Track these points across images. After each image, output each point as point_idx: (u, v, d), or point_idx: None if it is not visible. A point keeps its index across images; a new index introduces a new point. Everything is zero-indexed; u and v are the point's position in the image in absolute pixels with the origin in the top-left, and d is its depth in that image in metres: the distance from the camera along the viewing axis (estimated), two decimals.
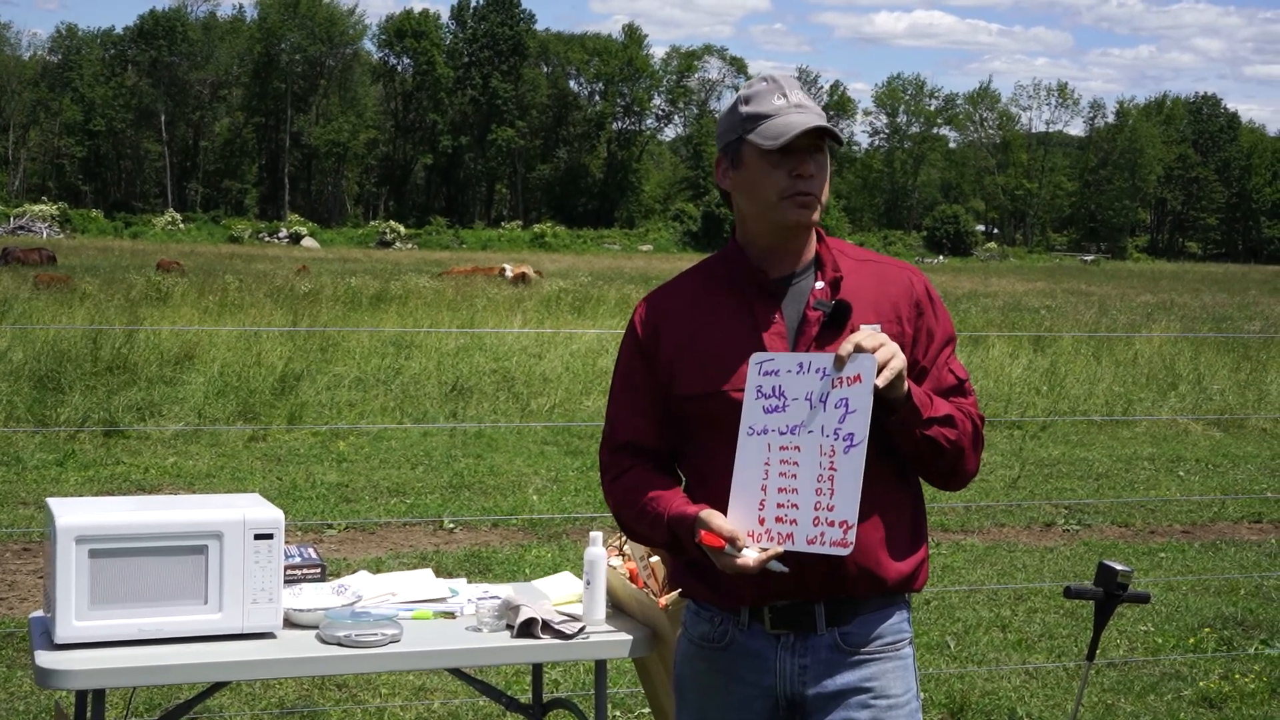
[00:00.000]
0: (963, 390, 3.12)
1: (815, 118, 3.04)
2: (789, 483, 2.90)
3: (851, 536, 2.86)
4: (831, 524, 2.86)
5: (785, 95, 3.07)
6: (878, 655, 3.09)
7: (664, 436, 3.16)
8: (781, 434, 2.92)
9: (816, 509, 2.87)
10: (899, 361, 2.89)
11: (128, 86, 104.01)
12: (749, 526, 2.93)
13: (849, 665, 3.07)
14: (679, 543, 3.04)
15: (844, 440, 2.87)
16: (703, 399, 3.06)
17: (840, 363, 2.88)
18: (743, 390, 2.98)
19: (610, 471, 3.22)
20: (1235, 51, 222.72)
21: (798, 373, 2.92)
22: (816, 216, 3.08)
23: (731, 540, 2.90)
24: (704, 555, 2.98)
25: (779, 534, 2.90)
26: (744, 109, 3.09)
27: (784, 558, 2.91)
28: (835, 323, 3.03)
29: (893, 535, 3.07)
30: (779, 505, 2.91)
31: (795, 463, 2.91)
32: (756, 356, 2.97)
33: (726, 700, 3.14)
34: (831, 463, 2.87)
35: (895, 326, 3.07)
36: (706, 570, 3.08)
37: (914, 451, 3.03)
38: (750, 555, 2.89)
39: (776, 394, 2.94)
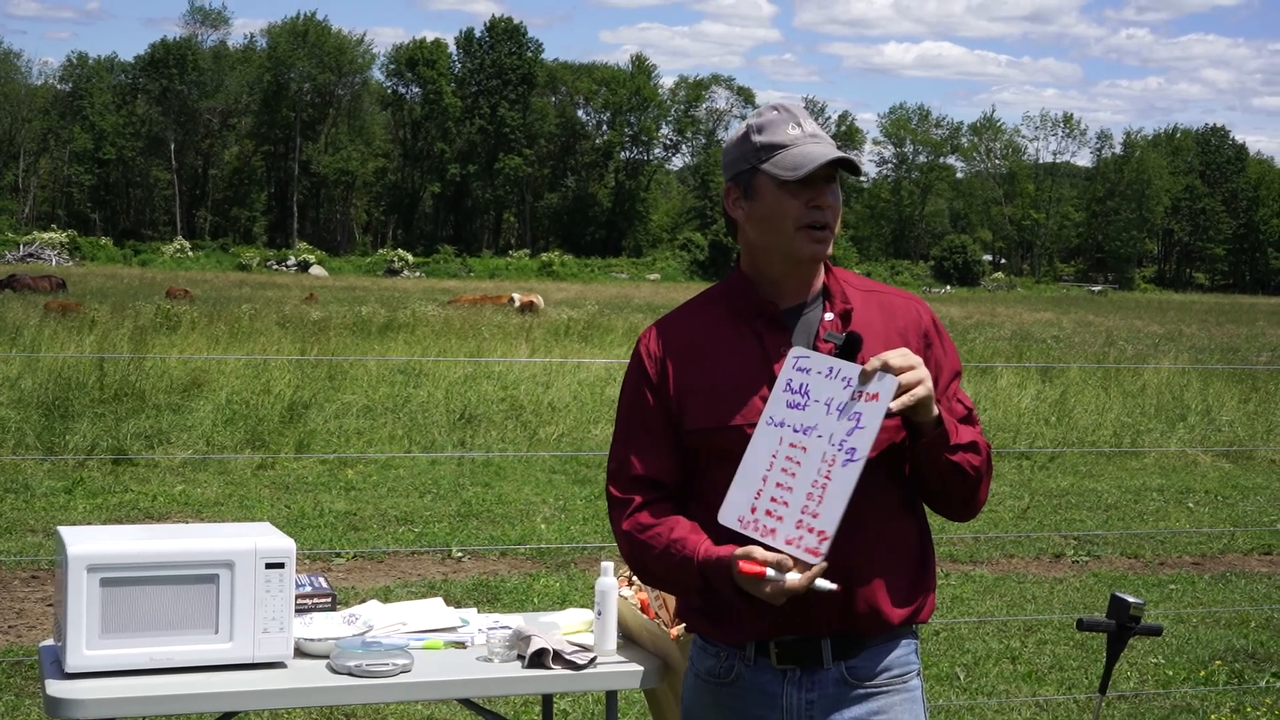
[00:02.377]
0: (971, 419, 3.11)
1: (832, 148, 3.02)
2: (787, 480, 2.89)
3: (825, 548, 2.83)
4: (811, 530, 2.84)
5: (799, 125, 3.05)
6: (885, 688, 3.08)
7: (676, 470, 3.09)
8: (795, 431, 2.91)
9: (803, 512, 2.86)
10: (924, 389, 2.87)
11: (138, 115, 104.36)
12: (740, 512, 2.91)
13: (857, 699, 3.05)
14: (709, 585, 2.97)
15: (845, 453, 2.86)
16: (714, 433, 3.02)
17: (865, 377, 2.87)
18: (754, 425, 2.96)
19: (623, 509, 3.11)
20: (1244, 83, 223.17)
21: (827, 376, 2.91)
22: (830, 250, 3.07)
23: (778, 565, 2.84)
24: (738, 595, 2.92)
25: (764, 526, 2.88)
26: (757, 138, 3.05)
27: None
28: (846, 354, 3.00)
29: (899, 569, 3.06)
30: (772, 500, 2.89)
31: (798, 462, 2.90)
32: (795, 350, 2.95)
33: None
34: (828, 472, 2.86)
35: None
36: (711, 605, 3.06)
37: (938, 477, 3.01)
38: (793, 578, 2.84)
39: (802, 392, 2.92)
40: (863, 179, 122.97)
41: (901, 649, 3.11)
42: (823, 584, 2.85)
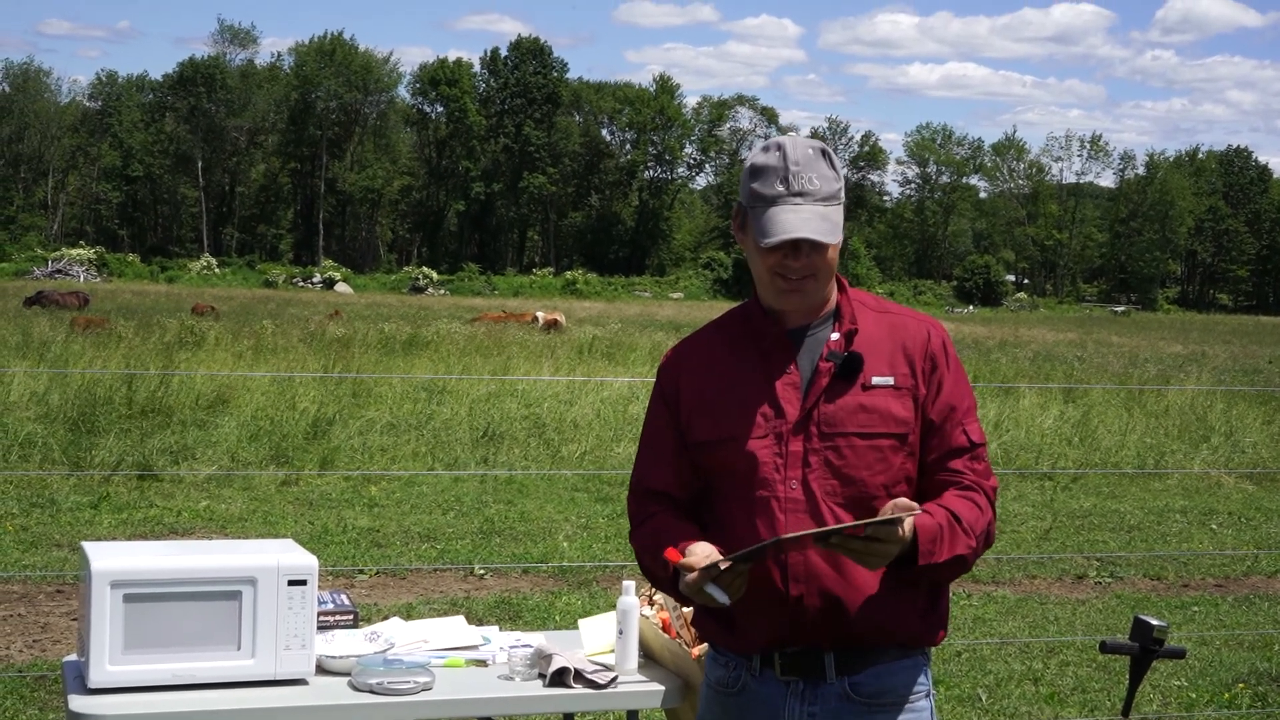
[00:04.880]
0: (974, 454, 3.12)
1: (805, 222, 3.02)
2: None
3: (724, 560, 2.94)
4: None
5: (788, 180, 3.07)
6: (889, 707, 3.10)
7: (686, 484, 3.20)
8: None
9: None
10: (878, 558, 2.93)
11: (166, 133, 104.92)
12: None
13: (858, 716, 3.08)
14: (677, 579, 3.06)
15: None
16: (715, 445, 3.11)
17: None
18: (756, 438, 3.06)
19: (635, 519, 3.28)
20: (1269, 104, 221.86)
21: None
22: (812, 297, 3.10)
23: (699, 566, 2.94)
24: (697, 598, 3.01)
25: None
26: (750, 184, 3.12)
27: (791, 606, 3.01)
28: (846, 375, 3.07)
29: (907, 590, 3.08)
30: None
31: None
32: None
33: None
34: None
35: (907, 378, 3.09)
36: (723, 614, 3.12)
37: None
38: (690, 576, 2.95)
39: None
40: (885, 199, 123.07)
41: (908, 669, 3.13)
42: (713, 589, 2.93)
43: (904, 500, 2.89)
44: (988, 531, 3.09)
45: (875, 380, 3.07)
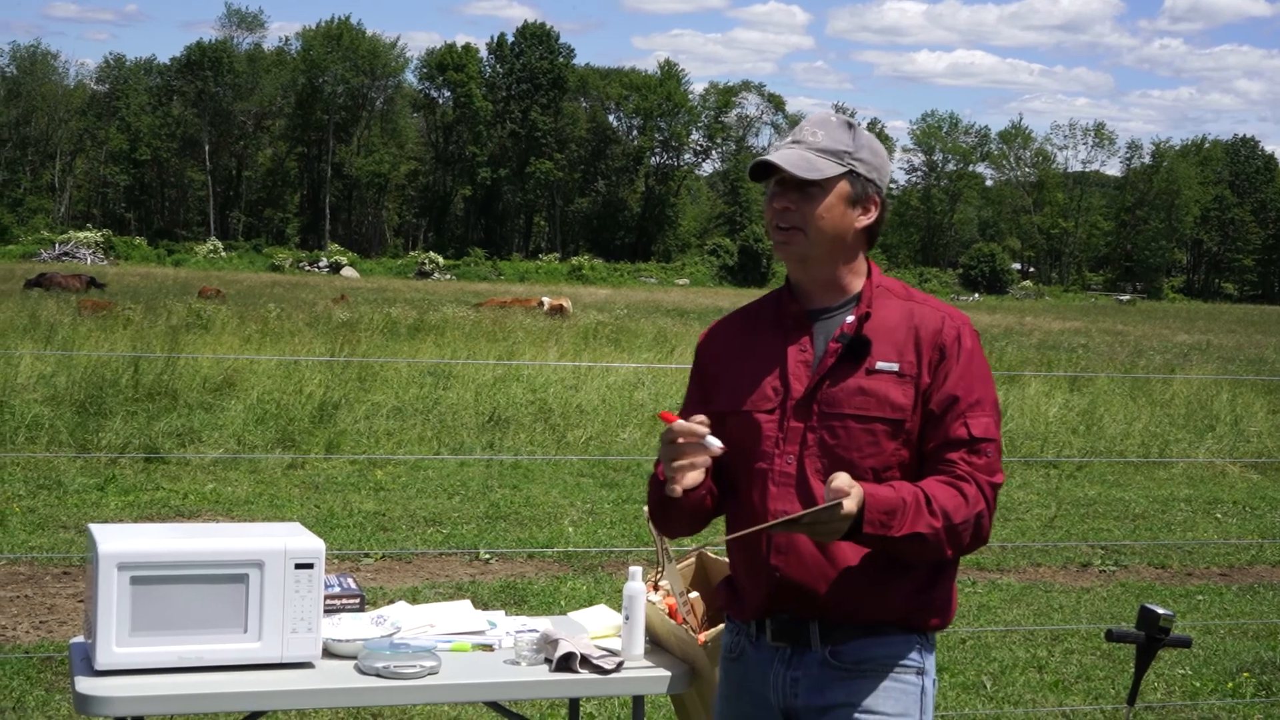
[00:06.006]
0: (973, 448, 3.10)
1: (780, 155, 3.13)
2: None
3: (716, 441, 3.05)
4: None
5: (790, 133, 3.21)
6: (869, 674, 3.14)
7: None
8: None
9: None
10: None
11: (173, 116, 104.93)
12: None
13: (838, 681, 3.13)
14: (664, 497, 3.12)
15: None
16: (728, 416, 3.17)
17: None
18: (763, 411, 3.14)
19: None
20: (1277, 94, 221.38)
21: None
22: (798, 250, 3.16)
23: (692, 435, 3.03)
24: (671, 504, 3.12)
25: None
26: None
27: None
28: (851, 357, 3.12)
29: (894, 574, 3.11)
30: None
31: None
32: None
33: (739, 712, 3.27)
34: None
35: (912, 366, 3.11)
36: (735, 580, 3.26)
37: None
38: (681, 423, 3.04)
39: None
40: (892, 185, 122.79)
41: (896, 645, 3.16)
42: (711, 441, 3.03)
43: (842, 479, 2.91)
44: (976, 524, 3.06)
45: (880, 365, 3.11)
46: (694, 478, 3.05)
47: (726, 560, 4.03)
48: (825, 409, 3.10)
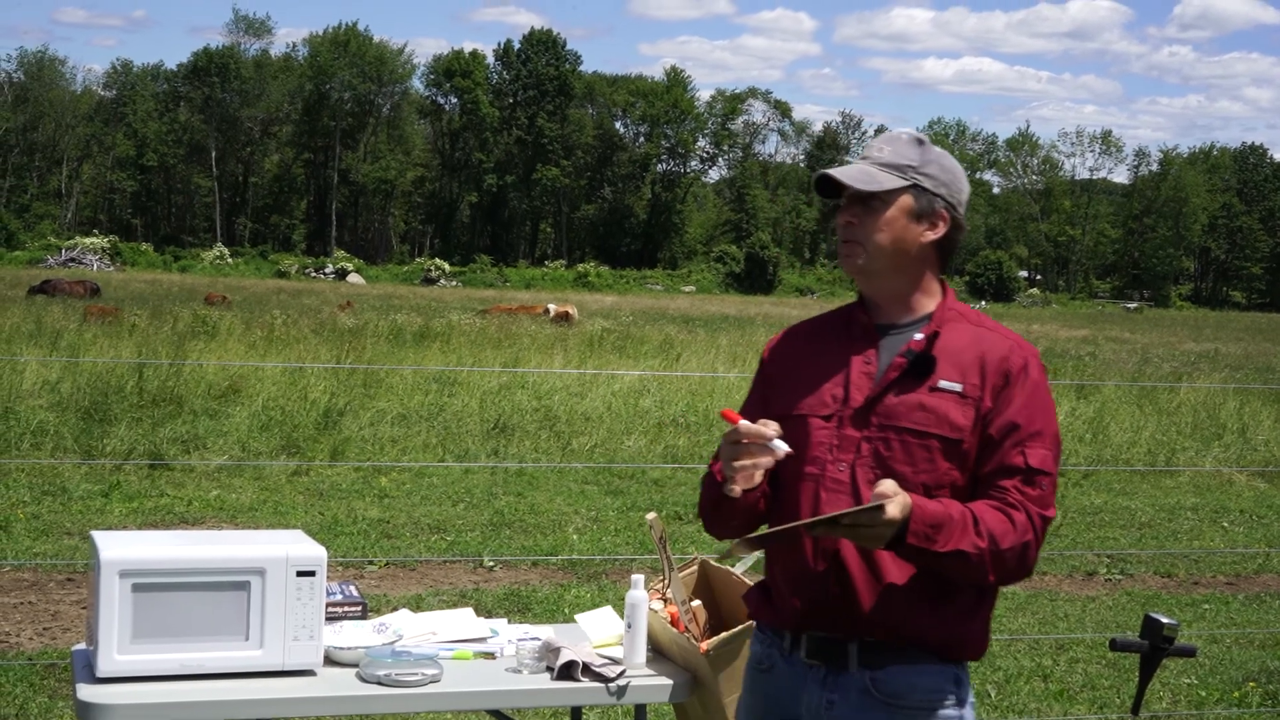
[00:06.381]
0: (1028, 478, 3.07)
1: (841, 169, 3.16)
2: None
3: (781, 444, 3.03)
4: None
5: (862, 150, 3.26)
6: (912, 710, 3.10)
7: None
8: None
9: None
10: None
11: (180, 122, 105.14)
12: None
13: (877, 712, 3.09)
14: (722, 494, 3.11)
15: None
16: (786, 420, 3.14)
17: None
18: (820, 417, 3.14)
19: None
20: None
21: None
22: (859, 262, 3.18)
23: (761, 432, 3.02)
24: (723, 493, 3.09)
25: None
26: None
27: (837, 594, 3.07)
28: (916, 373, 3.10)
29: (938, 598, 3.08)
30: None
31: None
32: None
33: None
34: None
35: (976, 388, 3.09)
36: (769, 589, 3.22)
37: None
38: (746, 424, 3.04)
39: None
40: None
41: (935, 674, 3.12)
42: (778, 444, 3.03)
43: (887, 485, 2.90)
44: (1021, 553, 3.03)
45: (943, 384, 3.09)
46: (754, 479, 3.04)
47: (728, 569, 4.03)
48: (883, 421, 3.09)
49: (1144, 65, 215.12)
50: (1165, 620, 3.71)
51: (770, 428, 3.03)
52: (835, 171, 3.14)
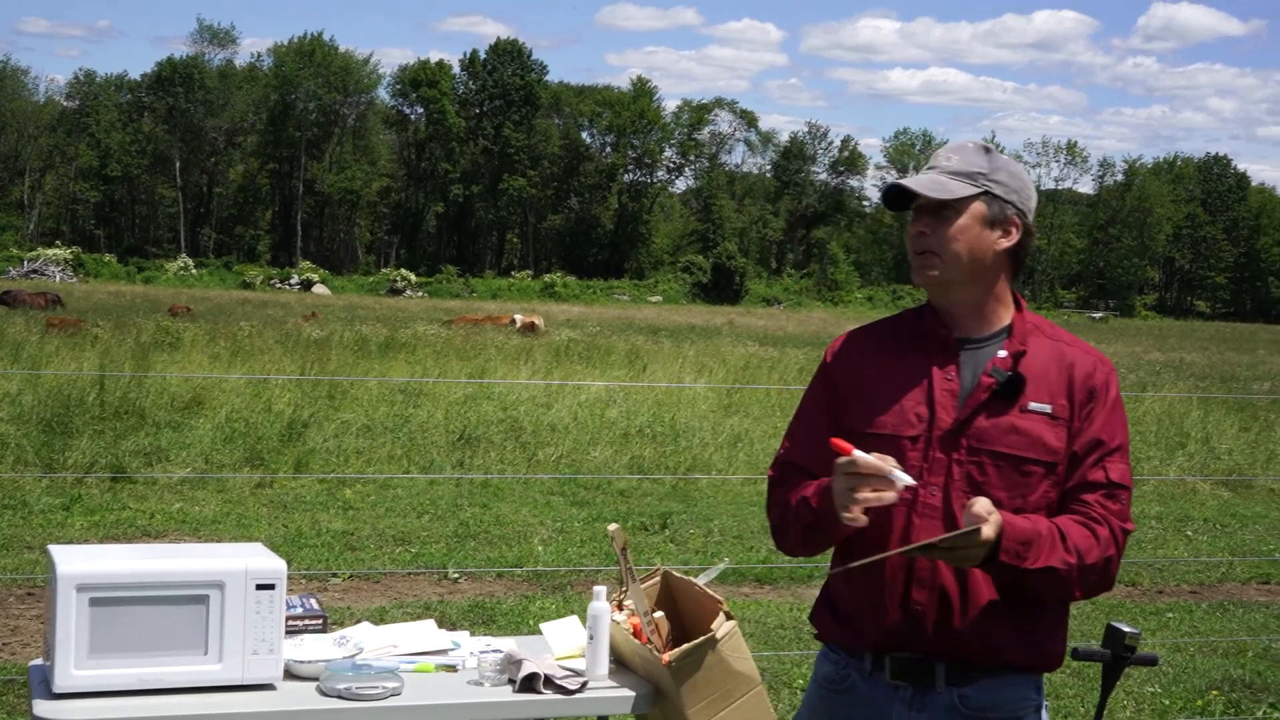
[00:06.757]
0: (1110, 493, 3.11)
1: (913, 180, 3.13)
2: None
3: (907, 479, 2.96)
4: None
5: (929, 162, 3.20)
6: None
7: (826, 465, 3.14)
8: None
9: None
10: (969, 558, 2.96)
11: (144, 133, 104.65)
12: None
13: None
14: (820, 520, 3.07)
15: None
16: (865, 437, 3.09)
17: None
18: (906, 437, 3.09)
19: (773, 487, 3.29)
20: (1249, 113, 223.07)
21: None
22: (935, 274, 3.14)
23: (879, 471, 2.94)
24: (832, 519, 3.00)
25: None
26: None
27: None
28: (1006, 395, 3.08)
29: (1026, 615, 3.10)
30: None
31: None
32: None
33: None
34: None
35: (1065, 409, 3.10)
36: (840, 609, 3.18)
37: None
38: (865, 458, 2.94)
39: None
40: (865, 204, 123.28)
41: (1019, 685, 3.15)
42: (901, 475, 2.95)
43: (981, 504, 2.91)
44: (1104, 568, 3.08)
45: (1032, 406, 3.07)
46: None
47: (691, 580, 4.01)
48: (975, 444, 3.07)
49: (1109, 76, 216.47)
50: (1127, 629, 3.72)
51: (887, 461, 2.96)
52: (907, 181, 3.12)
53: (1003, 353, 3.12)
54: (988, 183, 3.13)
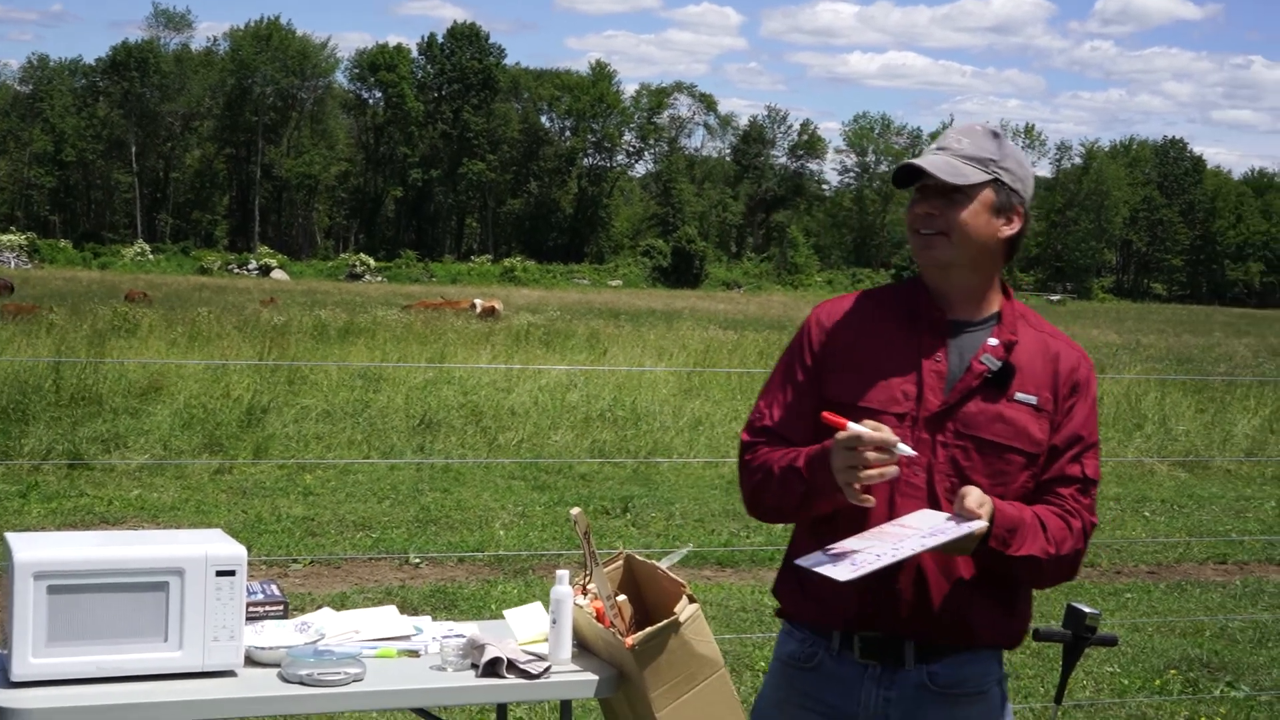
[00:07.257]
0: (1083, 488, 3.14)
1: (924, 159, 3.12)
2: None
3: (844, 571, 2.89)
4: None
5: (935, 141, 3.20)
6: (964, 698, 3.15)
7: (803, 434, 3.16)
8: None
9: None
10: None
11: (99, 117, 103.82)
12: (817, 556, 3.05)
13: (935, 704, 3.13)
14: (811, 487, 3.04)
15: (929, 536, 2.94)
16: (848, 409, 3.07)
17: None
18: (893, 414, 3.06)
19: (746, 452, 3.24)
20: (1205, 96, 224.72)
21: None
22: (940, 256, 3.13)
23: (880, 446, 2.92)
24: (833, 488, 2.97)
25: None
26: None
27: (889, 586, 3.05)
28: (998, 382, 3.09)
29: (993, 594, 3.12)
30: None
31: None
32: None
33: None
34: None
35: (1049, 401, 3.12)
36: (809, 585, 3.12)
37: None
38: (868, 432, 2.91)
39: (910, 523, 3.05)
40: (824, 187, 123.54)
41: (984, 660, 3.18)
42: (903, 448, 2.94)
43: (974, 496, 2.94)
44: (1072, 559, 3.11)
45: (1019, 396, 3.09)
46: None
47: (654, 564, 4.01)
48: (961, 429, 3.08)
49: (1066, 60, 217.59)
50: (1087, 610, 3.74)
51: (885, 430, 2.94)
52: (921, 162, 3.10)
53: (994, 340, 3.13)
54: (998, 170, 3.14)
